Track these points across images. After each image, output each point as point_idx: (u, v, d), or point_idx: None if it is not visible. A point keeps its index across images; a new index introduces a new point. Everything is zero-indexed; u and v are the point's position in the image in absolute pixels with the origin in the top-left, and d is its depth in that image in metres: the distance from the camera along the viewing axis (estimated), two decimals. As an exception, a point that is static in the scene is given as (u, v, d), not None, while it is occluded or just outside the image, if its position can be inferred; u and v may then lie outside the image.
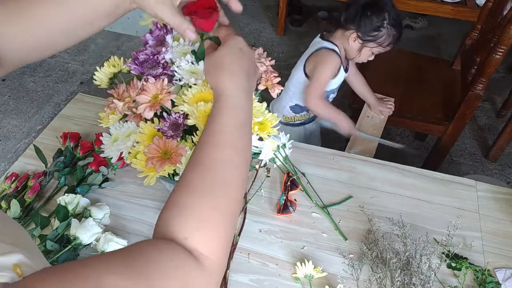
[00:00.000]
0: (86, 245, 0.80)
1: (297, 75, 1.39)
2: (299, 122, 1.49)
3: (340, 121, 1.36)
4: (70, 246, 0.78)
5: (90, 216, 0.84)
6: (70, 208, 0.84)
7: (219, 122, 0.53)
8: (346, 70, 1.39)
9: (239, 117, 0.55)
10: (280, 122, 1.47)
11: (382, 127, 1.47)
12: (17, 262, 0.31)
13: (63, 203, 0.84)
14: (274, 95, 0.73)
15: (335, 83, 1.39)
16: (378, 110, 1.49)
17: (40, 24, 0.51)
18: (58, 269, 0.33)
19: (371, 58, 1.31)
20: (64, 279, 0.32)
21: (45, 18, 0.51)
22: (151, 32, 0.65)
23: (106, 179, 0.95)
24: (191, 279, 0.41)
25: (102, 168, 0.94)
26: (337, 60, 1.30)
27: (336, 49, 1.30)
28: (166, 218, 0.46)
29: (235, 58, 0.58)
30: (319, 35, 1.36)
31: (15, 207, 0.84)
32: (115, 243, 0.78)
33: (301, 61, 1.38)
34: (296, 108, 1.45)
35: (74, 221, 0.80)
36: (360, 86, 1.48)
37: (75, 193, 0.88)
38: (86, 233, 0.78)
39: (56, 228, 0.81)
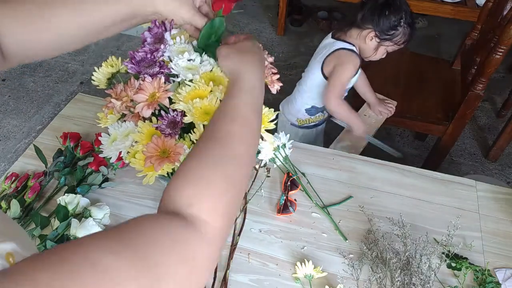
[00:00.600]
0: None
1: (313, 77, 1.38)
2: (313, 124, 1.49)
3: (356, 124, 1.37)
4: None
5: (90, 216, 0.84)
6: (70, 208, 0.84)
7: (236, 100, 0.55)
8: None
9: (255, 98, 0.57)
10: (294, 125, 1.49)
11: (377, 127, 1.47)
12: (10, 250, 0.30)
13: (63, 203, 0.84)
14: (273, 90, 0.73)
15: (351, 83, 1.39)
16: (377, 110, 1.49)
17: (51, 26, 0.52)
18: (50, 252, 0.31)
19: (384, 56, 1.32)
20: (56, 261, 0.30)
21: (58, 21, 0.52)
22: (149, 30, 0.66)
23: (106, 179, 0.95)
24: (191, 251, 0.40)
25: (102, 168, 0.94)
26: (358, 61, 1.30)
27: (355, 49, 1.30)
28: (173, 185, 0.46)
29: (257, 53, 0.62)
30: (330, 35, 1.36)
31: (15, 207, 0.84)
32: None
33: (317, 63, 1.36)
34: (312, 110, 1.44)
35: (74, 221, 0.80)
36: (362, 85, 1.48)
37: (75, 193, 0.88)
38: (86, 233, 0.78)
39: (56, 228, 0.81)
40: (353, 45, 1.30)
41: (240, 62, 0.60)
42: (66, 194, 0.86)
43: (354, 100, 1.58)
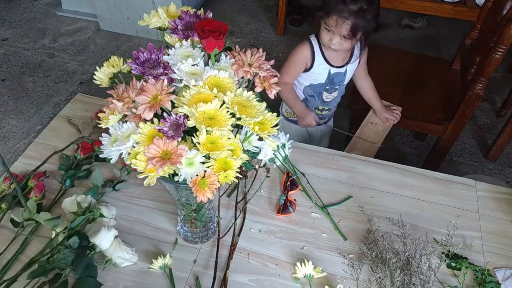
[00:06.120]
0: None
1: None
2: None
3: (299, 111, 1.38)
4: (91, 253, 0.77)
5: (101, 215, 0.83)
6: (83, 206, 0.83)
7: None
8: (336, 67, 1.34)
9: None
10: (283, 116, 1.49)
11: (385, 135, 1.43)
12: None
13: (67, 206, 0.83)
14: (271, 96, 0.72)
15: (318, 75, 1.35)
16: (383, 117, 1.46)
17: None
18: None
19: (336, 41, 1.22)
20: None
21: None
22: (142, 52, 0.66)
23: (119, 181, 0.95)
24: None
25: (115, 170, 0.94)
26: (307, 46, 1.32)
27: (312, 37, 1.32)
28: None
29: None
30: None
31: (31, 207, 0.83)
32: (122, 252, 0.79)
33: None
34: None
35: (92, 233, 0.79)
36: (368, 91, 1.46)
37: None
38: (103, 239, 0.78)
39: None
40: (316, 37, 1.33)
41: None
42: (75, 195, 0.85)
43: (353, 101, 1.58)
